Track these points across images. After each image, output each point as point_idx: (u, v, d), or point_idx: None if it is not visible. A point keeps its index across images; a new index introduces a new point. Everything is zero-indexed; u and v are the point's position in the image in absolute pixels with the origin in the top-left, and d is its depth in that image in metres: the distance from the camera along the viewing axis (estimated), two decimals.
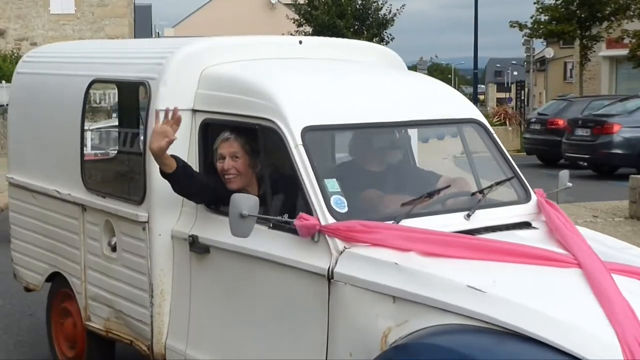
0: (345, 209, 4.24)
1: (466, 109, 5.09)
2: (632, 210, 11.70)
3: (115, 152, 5.73)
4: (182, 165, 4.55)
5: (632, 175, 12.19)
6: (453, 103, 5.09)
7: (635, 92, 25.82)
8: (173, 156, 4.53)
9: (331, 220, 4.15)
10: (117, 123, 6.23)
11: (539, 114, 24.55)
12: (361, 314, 3.93)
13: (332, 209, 4.19)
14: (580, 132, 19.36)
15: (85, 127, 5.52)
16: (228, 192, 4.71)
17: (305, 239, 4.19)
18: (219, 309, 4.68)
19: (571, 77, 51.45)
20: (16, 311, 8.36)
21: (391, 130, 4.88)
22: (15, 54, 32.46)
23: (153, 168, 4.86)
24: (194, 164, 4.86)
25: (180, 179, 4.57)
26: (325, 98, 4.66)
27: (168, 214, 4.93)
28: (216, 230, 4.66)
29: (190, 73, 4.94)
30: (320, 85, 4.80)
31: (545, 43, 47.39)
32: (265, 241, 4.33)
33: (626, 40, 32.63)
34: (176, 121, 4.50)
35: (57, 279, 6.13)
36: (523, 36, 35.86)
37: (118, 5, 37.36)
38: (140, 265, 5.02)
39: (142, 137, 4.95)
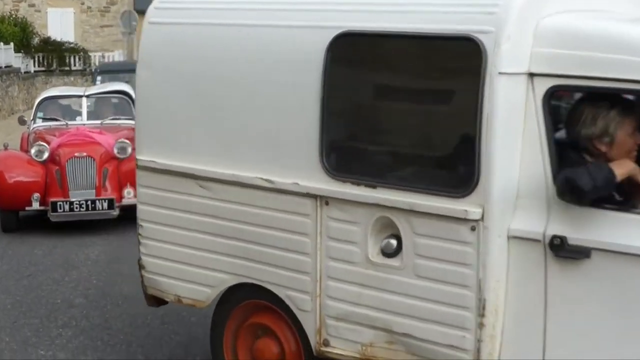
0: None
1: None
2: None
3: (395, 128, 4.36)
4: None
5: None
6: None
7: None
8: None
9: None
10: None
11: None
12: None
13: None
14: None
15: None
16: None
17: None
18: (617, 331, 3.62)
19: None
20: (14, 272, 8.25)
21: None
22: (14, 15, 31.90)
23: (493, 148, 3.73)
24: (537, 146, 3.77)
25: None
26: None
27: (506, 209, 3.80)
28: (603, 229, 3.61)
29: (527, 25, 3.81)
30: None
31: None
32: None
33: None
34: None
35: (239, 289, 4.75)
36: None
37: None
38: (460, 275, 3.84)
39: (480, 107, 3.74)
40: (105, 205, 9.53)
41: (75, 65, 32.30)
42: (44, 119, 11.29)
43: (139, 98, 5.04)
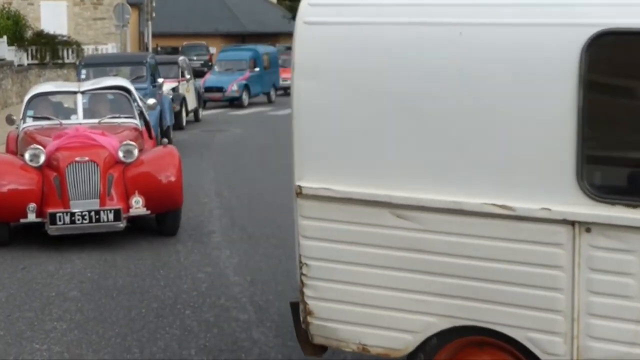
0: None
1: None
2: None
3: None
4: None
5: None
6: None
7: None
8: None
9: None
10: None
11: None
12: None
13: None
14: None
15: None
16: None
17: None
18: None
19: None
20: (8, 265, 8.07)
21: None
22: (6, 9, 31.27)
23: None
24: None
25: None
26: None
27: None
28: None
29: None
30: None
31: None
32: None
33: None
34: None
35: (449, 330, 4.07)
36: None
37: None
38: None
39: None
40: (111, 216, 8.29)
41: (68, 58, 30.96)
42: (35, 118, 9.80)
43: (300, 114, 4.21)
